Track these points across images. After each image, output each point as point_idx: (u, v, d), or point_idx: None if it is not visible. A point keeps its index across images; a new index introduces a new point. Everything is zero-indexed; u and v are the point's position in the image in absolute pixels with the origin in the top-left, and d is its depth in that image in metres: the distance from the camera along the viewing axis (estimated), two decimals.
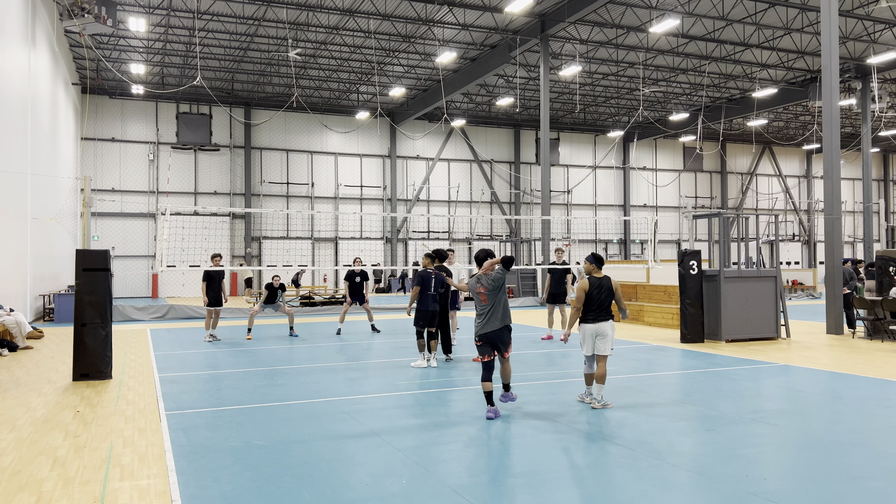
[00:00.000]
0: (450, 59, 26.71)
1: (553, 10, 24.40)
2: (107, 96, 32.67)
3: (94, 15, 18.59)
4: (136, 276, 32.91)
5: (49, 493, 4.99)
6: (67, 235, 25.77)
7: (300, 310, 22.34)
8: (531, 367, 10.75)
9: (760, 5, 24.18)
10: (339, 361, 11.54)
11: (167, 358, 12.01)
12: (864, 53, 29.06)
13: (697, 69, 30.95)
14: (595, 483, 5.21)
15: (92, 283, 9.82)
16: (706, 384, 9.21)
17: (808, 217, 49.21)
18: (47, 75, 21.08)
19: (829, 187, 15.52)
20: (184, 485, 5.16)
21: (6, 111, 15.16)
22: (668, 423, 6.99)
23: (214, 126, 34.82)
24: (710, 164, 46.67)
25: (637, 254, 43.96)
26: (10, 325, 13.05)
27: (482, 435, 6.61)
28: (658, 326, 16.92)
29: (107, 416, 7.47)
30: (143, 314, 20.15)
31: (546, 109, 26.24)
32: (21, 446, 6.29)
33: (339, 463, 5.71)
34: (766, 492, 4.94)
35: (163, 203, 32.56)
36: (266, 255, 35.40)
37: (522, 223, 40.71)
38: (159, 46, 27.73)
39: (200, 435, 6.62)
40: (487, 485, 5.16)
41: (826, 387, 9.07)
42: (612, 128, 42.49)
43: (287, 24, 24.65)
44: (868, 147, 31.44)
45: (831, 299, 15.31)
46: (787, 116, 40.75)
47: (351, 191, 37.63)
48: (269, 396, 8.52)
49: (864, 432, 6.61)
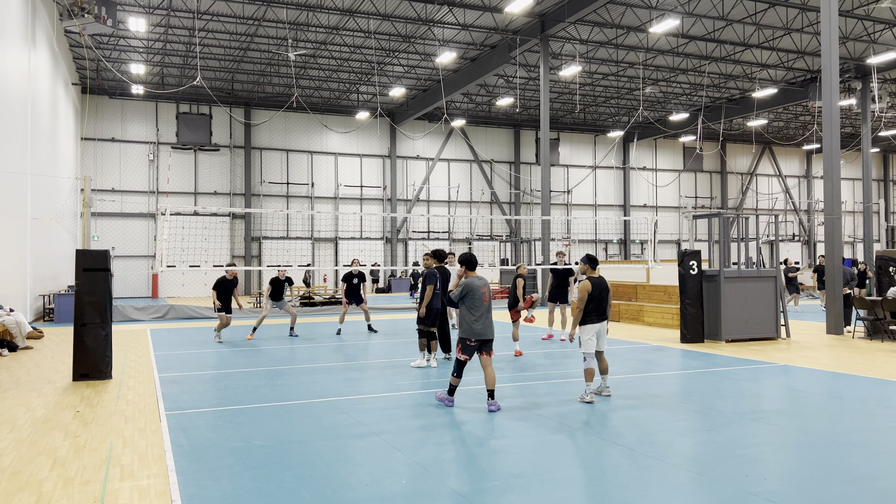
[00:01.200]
0: (450, 59, 26.71)
1: (553, 11, 24.40)
2: (107, 96, 32.67)
3: (94, 15, 18.58)
4: (136, 276, 32.91)
5: (49, 493, 4.99)
6: (67, 235, 25.77)
7: (300, 310, 22.33)
8: (532, 367, 10.75)
9: (760, 5, 24.17)
10: (339, 361, 11.54)
11: (167, 358, 12.01)
12: (864, 53, 29.05)
13: (697, 69, 30.95)
14: (595, 483, 5.21)
15: (92, 283, 9.82)
16: (706, 384, 9.21)
17: (808, 217, 49.21)
18: (47, 75, 21.08)
19: (829, 187, 15.52)
20: (184, 485, 5.16)
21: (6, 111, 15.16)
22: (668, 424, 6.99)
23: (214, 126, 34.82)
24: (710, 164, 46.68)
25: (637, 254, 43.96)
26: (10, 325, 13.05)
27: (482, 435, 6.61)
28: (658, 326, 16.92)
29: (107, 416, 7.47)
30: (143, 314, 20.14)
31: (546, 109, 26.24)
32: (21, 446, 6.29)
33: (339, 463, 5.71)
34: (766, 492, 4.94)
35: (163, 203, 32.56)
36: (266, 255, 35.40)
37: (522, 223, 40.71)
38: (159, 46, 27.73)
39: (200, 435, 6.62)
40: (487, 485, 5.15)
41: (826, 387, 9.07)
42: (612, 128, 42.50)
43: (287, 24, 24.65)
44: (868, 147, 31.43)
45: (831, 299, 15.32)
46: (787, 116, 40.75)
47: (351, 191, 37.63)
48: (269, 396, 8.52)
49: (864, 432, 6.61)
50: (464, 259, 8.09)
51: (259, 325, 15.23)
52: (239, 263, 34.05)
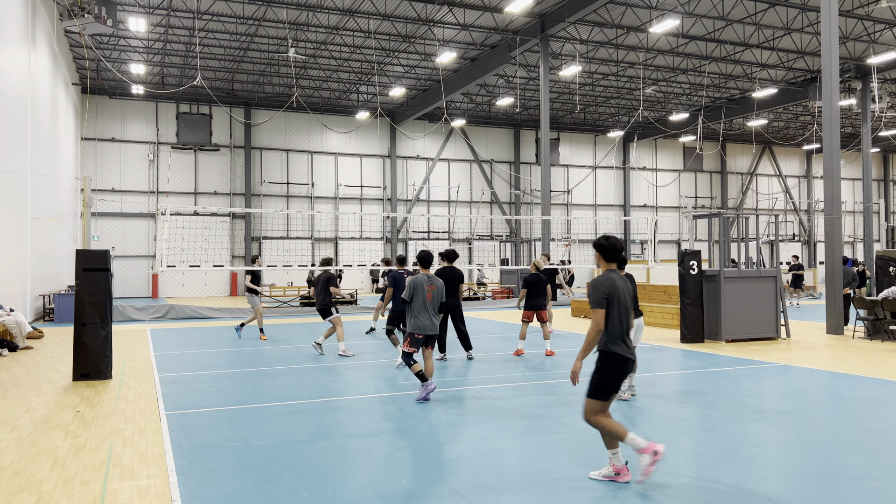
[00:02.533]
0: (450, 59, 26.71)
1: (553, 11, 24.40)
2: (107, 96, 32.67)
3: (94, 15, 18.58)
4: (136, 276, 32.91)
5: (49, 494, 4.99)
6: (67, 235, 25.77)
7: (300, 310, 22.36)
8: (531, 368, 10.75)
9: (760, 5, 24.18)
10: (339, 361, 11.54)
11: (167, 358, 12.01)
12: (864, 53, 29.05)
13: (697, 69, 30.95)
14: (595, 482, 5.21)
15: (92, 283, 9.82)
16: (706, 384, 9.21)
17: (808, 217, 49.21)
18: (47, 75, 21.08)
19: (829, 187, 15.52)
20: (184, 485, 5.16)
21: (6, 111, 15.15)
22: (668, 423, 6.99)
23: (214, 126, 34.82)
24: (710, 164, 46.67)
25: (637, 254, 43.95)
26: (10, 325, 13.04)
27: (482, 435, 6.61)
28: (658, 326, 16.92)
29: (107, 416, 7.47)
30: (143, 314, 20.15)
31: (546, 109, 26.24)
32: (21, 446, 6.29)
33: (339, 463, 5.71)
34: (766, 492, 4.94)
35: (163, 203, 32.56)
36: (266, 255, 35.39)
37: (522, 223, 40.71)
38: (159, 46, 27.73)
39: (200, 435, 6.62)
40: (487, 485, 5.15)
41: (826, 387, 9.07)
42: (612, 128, 42.50)
43: (287, 24, 24.65)
44: (868, 147, 31.43)
45: (831, 299, 15.31)
46: (787, 116, 40.75)
47: (351, 191, 37.63)
48: (269, 396, 8.52)
49: (864, 432, 6.61)
50: (419, 257, 8.65)
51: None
52: (238, 263, 34.06)
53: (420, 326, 8.16)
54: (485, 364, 11.07)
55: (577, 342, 13.94)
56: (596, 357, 5.21)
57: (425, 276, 8.34)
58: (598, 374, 5.14)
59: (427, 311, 8.18)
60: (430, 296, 8.22)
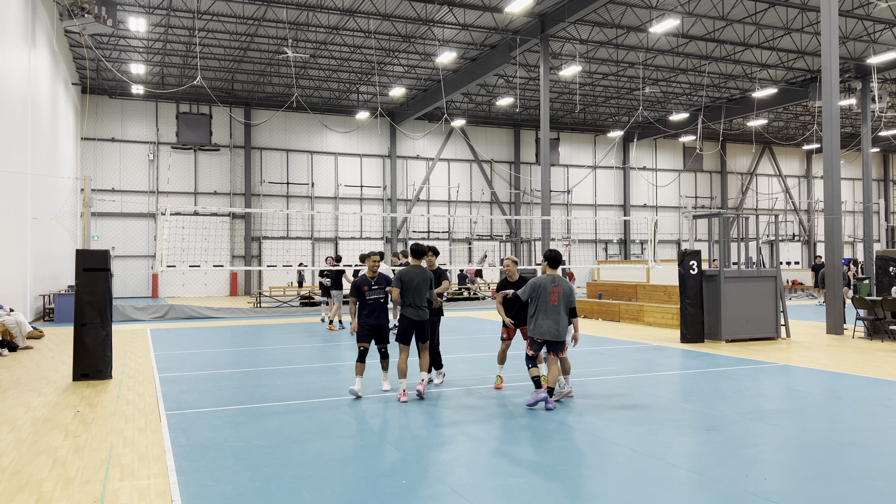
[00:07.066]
0: (450, 59, 26.71)
1: (553, 10, 24.40)
2: (107, 96, 32.67)
3: (94, 15, 18.58)
4: (136, 276, 32.91)
5: (49, 493, 4.99)
6: (67, 235, 25.77)
7: (300, 310, 22.35)
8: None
9: (760, 5, 24.17)
10: (339, 361, 11.54)
11: (167, 358, 12.01)
12: (864, 53, 29.05)
13: (697, 69, 30.94)
14: (595, 483, 5.21)
15: (92, 283, 9.82)
16: (706, 384, 9.21)
17: (808, 217, 49.21)
18: (47, 75, 21.08)
19: (829, 187, 15.52)
20: (184, 485, 5.16)
21: (6, 111, 15.15)
22: (668, 423, 6.99)
23: (214, 126, 34.82)
24: (710, 164, 46.67)
25: (637, 254, 43.95)
26: (10, 325, 13.04)
27: (482, 435, 6.61)
28: (658, 326, 16.92)
29: (107, 416, 7.47)
30: (143, 314, 20.15)
31: (546, 109, 26.24)
32: (21, 446, 6.29)
33: (339, 463, 5.71)
34: (766, 492, 4.94)
35: (163, 203, 32.56)
36: (266, 255, 35.40)
37: (522, 223, 40.71)
38: (159, 46, 27.73)
39: (200, 435, 6.62)
40: (487, 484, 5.16)
41: (826, 387, 9.07)
42: (612, 128, 42.49)
43: (287, 24, 24.65)
44: (868, 147, 31.43)
45: (831, 299, 15.32)
46: (787, 116, 40.75)
47: (351, 191, 37.62)
48: (269, 396, 8.52)
49: (864, 432, 6.61)
50: (546, 256, 8.07)
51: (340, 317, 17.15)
52: (238, 263, 34.07)
53: (540, 331, 7.71)
54: (485, 364, 11.07)
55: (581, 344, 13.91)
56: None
57: (550, 277, 7.79)
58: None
59: (548, 315, 7.65)
60: (554, 298, 7.67)
